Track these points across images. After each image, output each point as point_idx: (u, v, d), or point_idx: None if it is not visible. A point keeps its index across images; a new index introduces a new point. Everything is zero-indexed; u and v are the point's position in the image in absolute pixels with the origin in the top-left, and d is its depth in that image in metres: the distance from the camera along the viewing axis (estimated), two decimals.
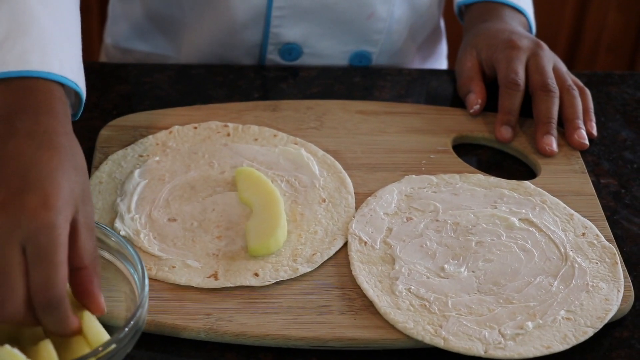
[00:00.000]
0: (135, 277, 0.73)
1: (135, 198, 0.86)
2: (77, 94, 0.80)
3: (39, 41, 0.76)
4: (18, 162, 0.69)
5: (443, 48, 1.29)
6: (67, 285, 0.68)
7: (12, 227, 0.65)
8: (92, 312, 0.70)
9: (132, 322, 0.68)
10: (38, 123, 0.72)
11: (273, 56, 1.12)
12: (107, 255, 0.76)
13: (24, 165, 0.69)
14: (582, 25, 2.07)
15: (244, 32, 1.10)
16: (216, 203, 0.87)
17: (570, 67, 1.06)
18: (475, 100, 1.00)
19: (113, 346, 0.67)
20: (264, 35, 1.10)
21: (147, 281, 0.71)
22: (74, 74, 0.78)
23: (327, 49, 1.12)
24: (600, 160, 0.97)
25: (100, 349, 0.66)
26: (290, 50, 1.11)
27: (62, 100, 0.76)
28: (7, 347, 0.66)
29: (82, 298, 0.70)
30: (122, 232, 0.83)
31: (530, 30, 1.11)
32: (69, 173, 0.70)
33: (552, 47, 1.06)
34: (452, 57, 1.23)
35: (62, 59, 0.77)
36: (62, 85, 0.77)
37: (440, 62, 1.28)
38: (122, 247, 0.75)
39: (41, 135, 0.71)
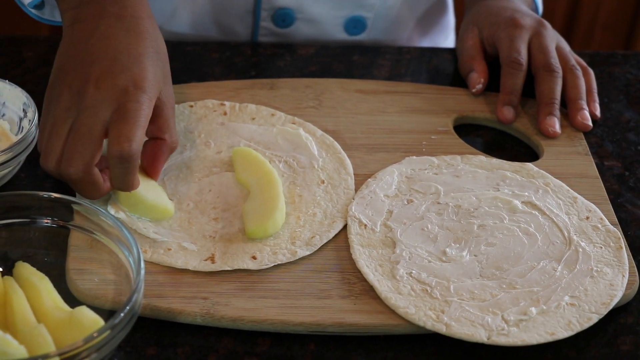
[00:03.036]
0: (131, 260, 0.72)
1: None
2: None
3: None
4: (109, 43, 0.78)
5: (449, 21, 1.26)
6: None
7: (105, 100, 0.75)
8: (148, 176, 0.81)
9: (127, 307, 0.67)
10: (125, 7, 0.81)
11: (266, 23, 1.10)
12: (101, 237, 0.75)
13: (115, 48, 0.78)
14: (578, 3, 2.05)
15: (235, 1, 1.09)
16: (213, 184, 0.85)
17: None
18: (478, 80, 0.98)
19: (108, 332, 0.65)
20: (256, 1, 1.08)
21: (142, 264, 0.70)
22: None
23: (321, 14, 1.10)
24: (603, 142, 0.96)
25: (95, 334, 0.65)
26: (284, 16, 1.09)
27: None
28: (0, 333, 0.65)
29: (147, 164, 0.81)
30: (116, 214, 0.80)
31: (536, 10, 1.09)
32: (153, 57, 0.80)
33: None
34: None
35: None
36: None
37: (446, 35, 1.26)
38: (117, 230, 0.73)
39: (129, 19, 0.80)
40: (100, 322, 0.67)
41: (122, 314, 0.66)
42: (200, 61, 1.03)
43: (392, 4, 1.13)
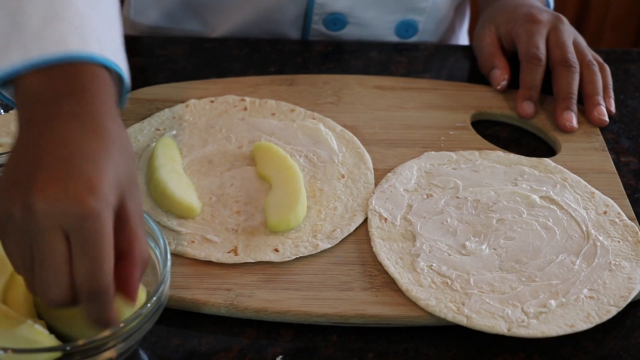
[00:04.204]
0: (157, 252, 0.72)
1: None
2: (120, 81, 0.75)
3: (77, 25, 0.72)
4: (62, 145, 0.65)
5: (467, 19, 1.27)
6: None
7: (56, 214, 0.63)
8: (124, 300, 0.67)
9: (154, 298, 0.67)
10: (84, 106, 0.68)
11: (318, 26, 1.10)
12: None
13: (69, 149, 0.65)
14: (588, 2, 2.06)
15: (288, 5, 1.09)
16: (234, 178, 0.86)
17: None
18: (502, 76, 0.99)
19: (135, 322, 0.66)
20: (308, 6, 1.08)
21: (169, 256, 0.70)
22: (115, 56, 0.74)
23: (372, 18, 1.10)
24: (619, 138, 0.96)
25: (122, 324, 0.66)
26: (335, 20, 1.09)
27: (107, 82, 0.71)
28: (29, 322, 0.66)
29: (120, 286, 0.66)
30: None
31: (547, 6, 1.10)
32: (114, 158, 0.66)
33: None
34: (471, 30, 1.22)
35: (102, 41, 0.73)
36: (106, 68, 0.72)
37: (463, 33, 1.26)
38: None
39: (87, 118, 0.67)
40: (128, 312, 0.68)
41: (149, 305, 0.67)
42: (219, 57, 1.04)
43: (441, 6, 1.13)
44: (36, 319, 0.69)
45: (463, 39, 1.27)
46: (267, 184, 0.85)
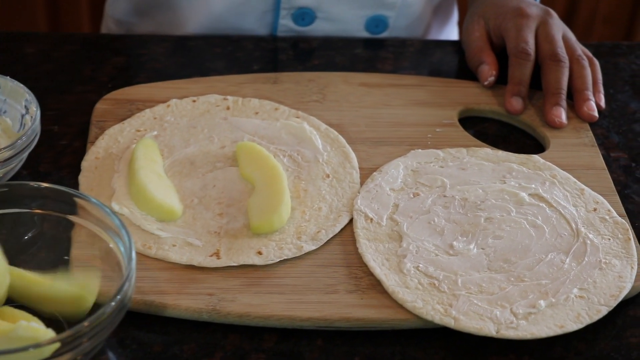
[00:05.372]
0: (121, 247, 0.70)
1: None
2: None
3: None
4: None
5: (455, 13, 1.25)
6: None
7: None
8: None
9: (118, 297, 0.66)
10: None
11: (286, 21, 1.08)
12: (90, 226, 0.73)
13: None
14: None
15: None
16: (217, 179, 0.84)
17: None
18: (490, 72, 0.97)
19: (97, 321, 0.65)
20: (276, 0, 1.07)
21: (134, 253, 0.69)
22: None
23: (342, 13, 1.08)
24: (609, 133, 0.95)
25: (85, 323, 0.64)
26: (304, 15, 1.08)
27: None
28: (23, 322, 0.65)
29: None
30: (120, 210, 0.80)
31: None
32: None
33: None
34: (461, 23, 1.20)
35: None
36: None
37: (452, 28, 1.25)
38: (105, 217, 0.72)
39: None
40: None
41: (112, 304, 0.65)
42: (202, 56, 1.02)
43: (413, 2, 1.11)
44: (28, 316, 0.68)
45: (452, 33, 1.26)
46: (250, 185, 0.84)
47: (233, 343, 0.72)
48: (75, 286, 0.71)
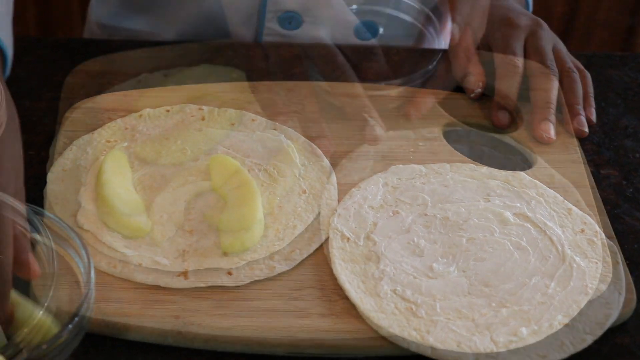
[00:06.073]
0: (80, 265, 0.67)
1: None
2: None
3: None
4: None
5: (449, 21, 1.21)
6: None
7: None
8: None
9: (76, 319, 0.63)
10: None
11: (272, 24, 1.05)
12: (47, 242, 0.70)
13: None
14: (577, 2, 2.02)
15: (242, 0, 1.04)
16: (188, 193, 0.81)
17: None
18: (476, 84, 0.93)
19: (56, 343, 0.62)
20: (261, 3, 1.03)
21: (92, 271, 0.66)
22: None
23: (329, 18, 1.05)
24: (600, 149, 0.91)
25: (44, 346, 0.62)
26: (290, 18, 1.04)
27: None
28: None
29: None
30: (85, 226, 0.76)
31: (527, 7, 1.05)
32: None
33: None
34: None
35: None
36: None
37: (445, 36, 1.21)
38: (65, 234, 0.69)
39: None
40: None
41: (70, 326, 0.63)
42: (179, 63, 0.98)
43: (404, 9, 1.08)
44: None
45: (445, 42, 1.22)
46: (223, 200, 0.80)
47: None
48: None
